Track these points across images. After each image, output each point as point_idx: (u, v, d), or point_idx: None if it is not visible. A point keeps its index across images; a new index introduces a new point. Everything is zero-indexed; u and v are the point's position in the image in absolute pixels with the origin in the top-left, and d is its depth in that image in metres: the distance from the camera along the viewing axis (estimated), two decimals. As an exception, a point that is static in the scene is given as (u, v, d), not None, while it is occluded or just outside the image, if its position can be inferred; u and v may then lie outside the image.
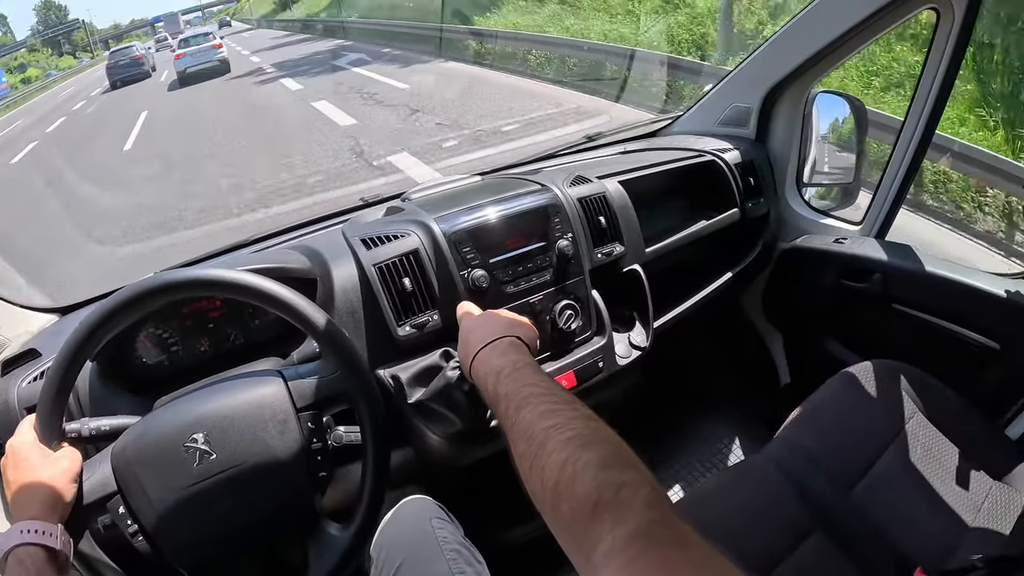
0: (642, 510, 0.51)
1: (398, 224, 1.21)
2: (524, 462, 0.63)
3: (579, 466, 0.56)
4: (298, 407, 0.90)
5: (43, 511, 0.78)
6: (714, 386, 2.01)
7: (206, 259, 1.38)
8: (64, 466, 0.83)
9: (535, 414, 0.66)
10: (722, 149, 1.62)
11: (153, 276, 0.89)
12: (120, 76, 16.55)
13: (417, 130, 6.28)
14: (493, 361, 0.81)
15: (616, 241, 1.33)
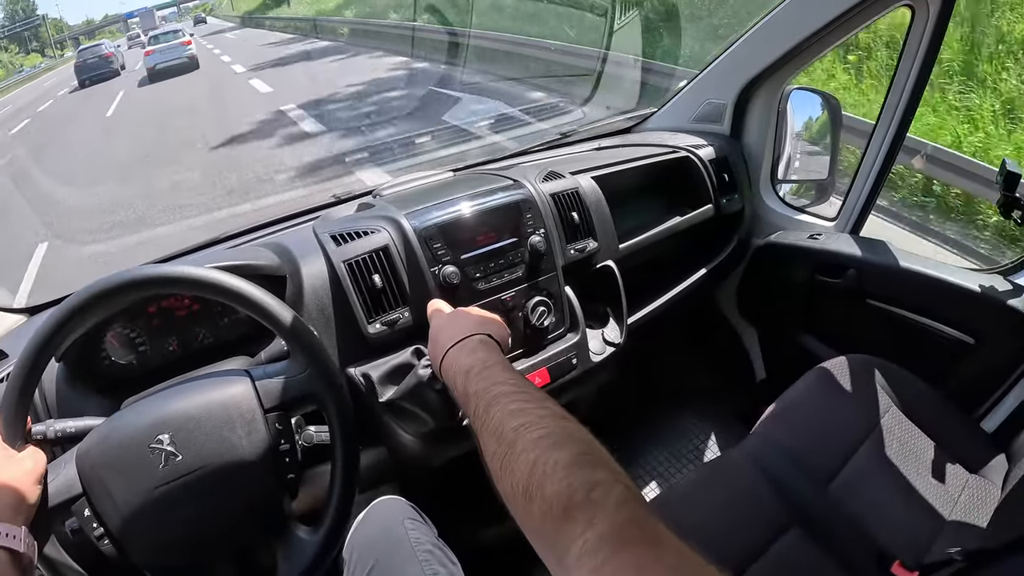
0: (615, 510, 0.50)
1: (368, 220, 1.20)
2: (495, 462, 0.62)
3: (549, 466, 0.55)
4: (265, 407, 0.88)
5: (6, 513, 0.75)
6: (689, 382, 2.02)
7: (178, 256, 1.35)
8: (28, 467, 0.81)
9: (505, 413, 0.65)
10: (696, 145, 1.63)
11: (118, 273, 0.86)
12: (88, 75, 16.12)
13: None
14: (462, 360, 0.80)
15: (589, 237, 1.33)
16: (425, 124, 6.01)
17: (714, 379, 1.97)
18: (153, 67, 14.54)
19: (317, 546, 0.89)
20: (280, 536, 0.91)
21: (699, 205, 1.59)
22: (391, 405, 1.07)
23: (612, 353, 1.32)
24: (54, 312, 0.83)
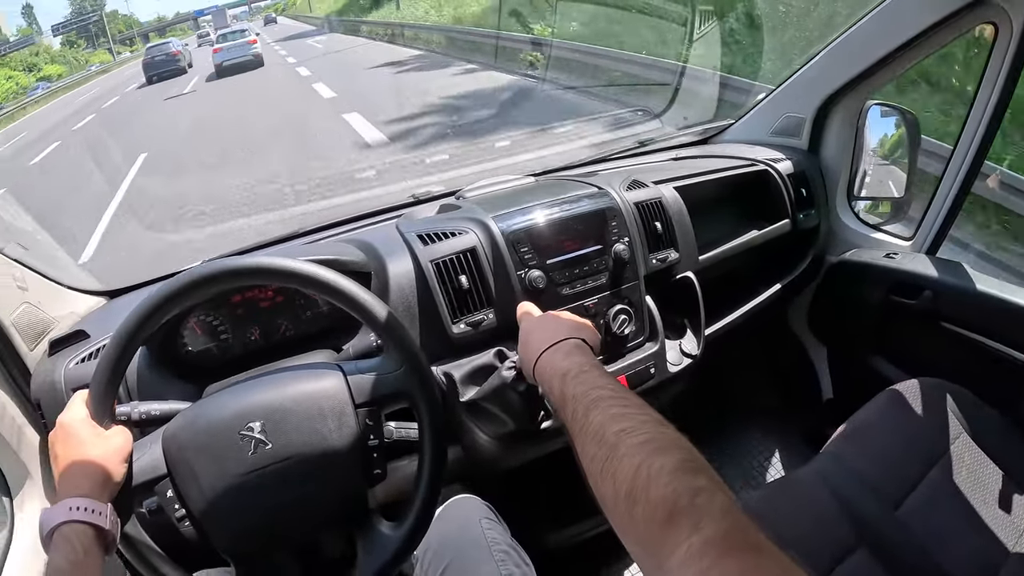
0: (720, 516, 0.51)
1: (455, 221, 1.24)
2: (595, 464, 0.63)
3: (654, 470, 0.56)
4: (356, 402, 0.90)
5: (93, 489, 0.78)
6: (755, 398, 2.04)
7: (256, 249, 1.41)
8: (116, 444, 0.83)
9: (605, 416, 0.67)
10: (775, 159, 1.65)
11: (217, 261, 0.90)
12: (156, 72, 17.00)
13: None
14: (558, 362, 0.82)
15: (671, 247, 1.36)
16: (505, 129, 6.09)
17: (780, 397, 1.97)
18: (220, 63, 15.93)
19: (400, 541, 0.90)
20: (362, 529, 0.93)
21: (776, 219, 1.61)
22: (471, 405, 1.10)
23: (689, 364, 1.35)
24: (154, 294, 0.86)
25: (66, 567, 0.70)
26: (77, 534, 0.73)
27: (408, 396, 0.92)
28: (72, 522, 0.74)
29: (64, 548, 0.71)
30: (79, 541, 0.73)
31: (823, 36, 1.66)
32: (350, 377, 0.91)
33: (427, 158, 4.95)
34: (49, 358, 1.18)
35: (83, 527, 0.74)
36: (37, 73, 24.05)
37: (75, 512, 0.74)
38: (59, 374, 1.13)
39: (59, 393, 1.13)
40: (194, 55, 19.53)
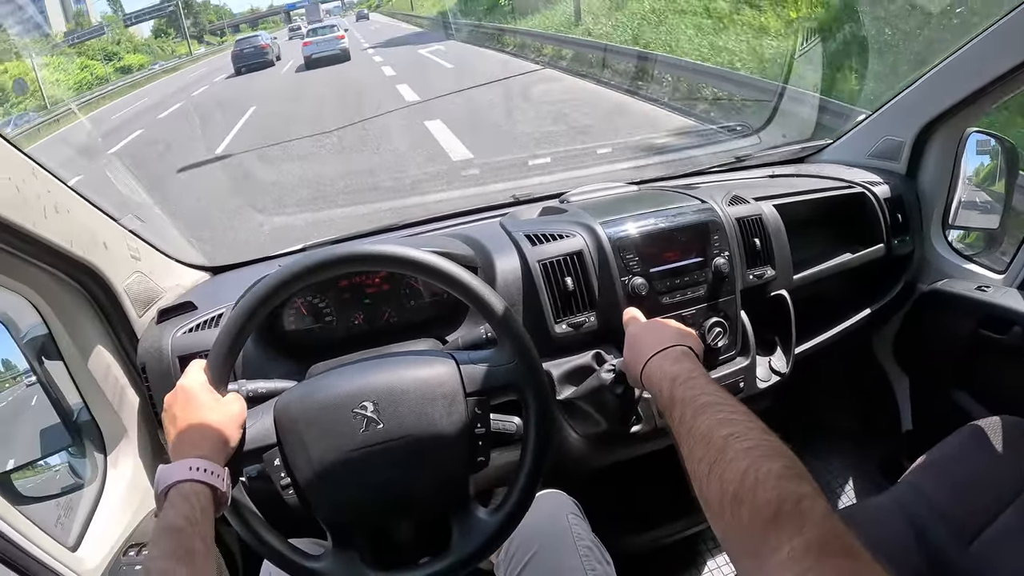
0: (821, 521, 0.55)
1: (562, 224, 1.29)
2: (702, 466, 0.67)
3: (761, 474, 0.60)
4: (467, 391, 0.92)
5: (211, 452, 0.81)
6: (834, 422, 2.02)
7: (356, 238, 1.47)
8: (234, 411, 0.88)
9: (713, 421, 0.71)
10: (872, 182, 1.65)
11: (344, 245, 0.94)
12: (244, 63, 17.82)
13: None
14: (668, 367, 0.86)
15: (768, 264, 1.38)
16: (605, 136, 6.11)
17: (859, 423, 1.96)
18: (310, 56, 17.02)
19: (496, 526, 0.93)
20: (459, 513, 0.96)
21: (870, 244, 1.61)
22: (566, 404, 1.15)
23: (776, 382, 1.37)
24: (283, 270, 0.91)
25: (182, 524, 0.72)
26: (195, 493, 0.76)
27: (518, 389, 0.94)
28: (191, 481, 0.77)
29: (181, 506, 0.74)
30: (196, 500, 0.76)
31: (927, 60, 1.65)
32: (462, 366, 0.94)
33: (529, 160, 5.00)
34: (157, 325, 1.25)
35: (201, 487, 0.78)
36: (117, 62, 23.84)
37: (194, 472, 0.78)
38: (166, 341, 1.20)
39: (165, 359, 1.19)
40: (284, 48, 20.55)
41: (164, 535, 0.71)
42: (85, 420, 1.22)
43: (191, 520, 0.73)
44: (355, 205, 5.28)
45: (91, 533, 1.13)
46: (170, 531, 0.71)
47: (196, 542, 0.72)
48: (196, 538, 0.72)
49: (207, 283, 1.47)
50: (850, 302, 1.64)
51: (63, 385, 1.21)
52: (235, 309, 0.91)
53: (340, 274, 1.08)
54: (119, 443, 1.23)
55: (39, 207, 1.01)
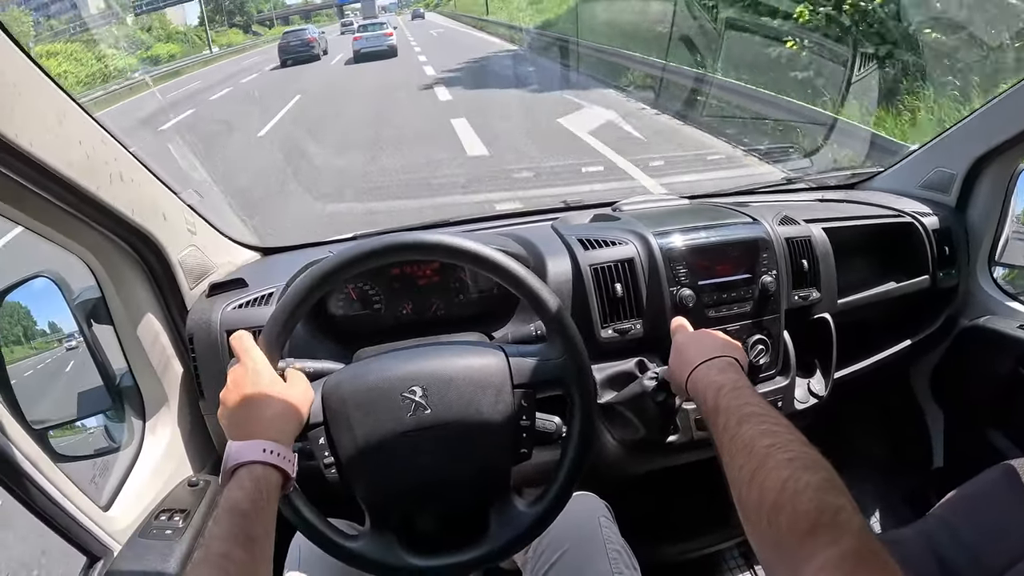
0: (858, 534, 0.57)
1: (615, 231, 1.30)
2: (743, 473, 0.68)
3: (801, 485, 0.61)
4: (515, 383, 0.92)
5: (282, 434, 0.81)
6: (864, 451, 1.99)
7: (408, 231, 1.48)
8: (303, 390, 0.88)
9: (756, 431, 0.72)
10: (921, 212, 1.63)
11: (407, 233, 0.95)
12: (290, 56, 17.96)
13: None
14: (713, 376, 0.87)
15: (814, 287, 1.37)
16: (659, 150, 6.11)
17: (889, 455, 1.94)
18: (359, 50, 17.62)
19: (533, 518, 0.94)
20: (498, 503, 0.96)
21: (916, 275, 1.59)
22: (606, 408, 1.16)
23: (814, 404, 1.37)
24: (342, 253, 0.91)
25: (247, 508, 0.71)
26: (266, 476, 0.76)
27: (565, 385, 0.95)
28: (262, 463, 0.76)
29: (250, 488, 0.73)
30: (265, 484, 0.75)
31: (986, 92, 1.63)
32: (512, 358, 0.94)
33: (583, 167, 5.04)
34: (207, 299, 1.27)
35: (271, 470, 0.77)
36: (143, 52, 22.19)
37: (267, 455, 0.77)
38: (216, 315, 1.22)
39: (213, 332, 1.22)
40: (333, 43, 20.77)
41: (228, 517, 0.70)
42: (127, 385, 1.24)
43: (257, 505, 0.73)
44: (405, 199, 5.32)
45: (123, 495, 1.15)
46: (234, 512, 0.71)
47: (259, 528, 0.71)
48: (259, 524, 0.72)
49: (258, 263, 1.50)
50: (891, 331, 1.62)
51: (108, 349, 1.23)
52: (292, 289, 0.92)
53: (397, 261, 1.09)
54: (159, 410, 1.25)
55: (106, 173, 1.03)
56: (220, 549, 0.66)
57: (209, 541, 0.67)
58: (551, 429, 1.00)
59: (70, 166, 0.94)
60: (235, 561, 0.66)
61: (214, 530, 0.69)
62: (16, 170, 0.87)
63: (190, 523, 1.08)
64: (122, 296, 1.17)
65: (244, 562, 0.66)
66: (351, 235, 1.56)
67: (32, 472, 0.91)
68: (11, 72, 0.83)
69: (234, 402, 0.83)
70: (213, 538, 0.68)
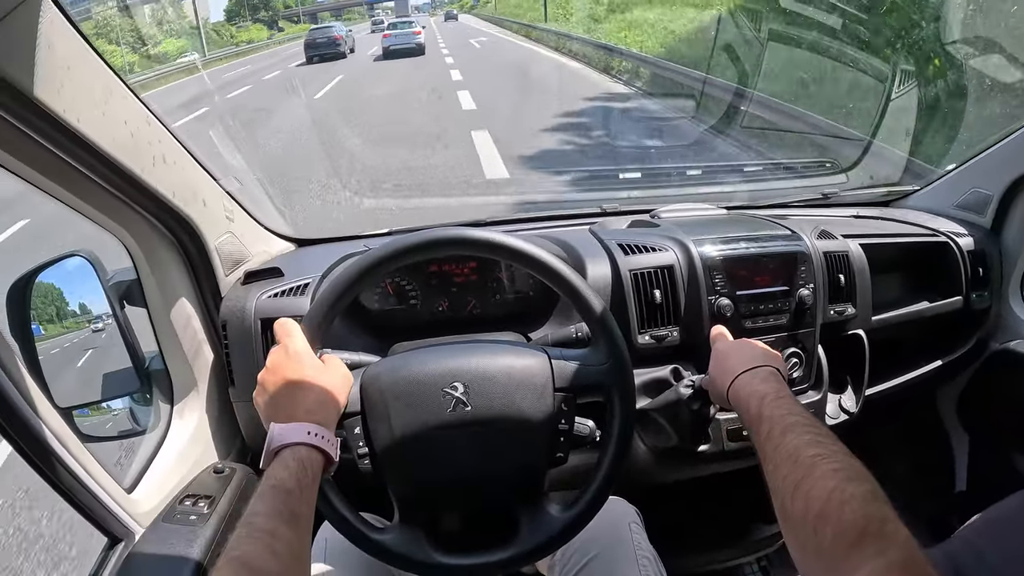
0: (902, 545, 0.57)
1: (655, 238, 1.29)
2: (787, 483, 0.68)
3: (847, 495, 0.62)
4: (556, 386, 0.92)
5: (326, 418, 0.81)
6: (886, 471, 1.96)
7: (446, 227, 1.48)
8: (343, 378, 0.88)
9: (801, 441, 0.72)
10: (956, 233, 1.61)
11: (454, 228, 0.94)
12: (316, 52, 18.08)
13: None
14: (756, 385, 0.87)
15: (850, 302, 1.36)
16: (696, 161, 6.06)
17: (912, 476, 1.92)
18: (388, 47, 18.37)
19: (565, 522, 0.93)
20: (529, 505, 0.95)
21: (949, 295, 1.57)
22: (641, 414, 1.13)
23: (844, 420, 1.35)
24: (388, 245, 0.91)
25: (292, 487, 0.72)
26: (311, 458, 0.76)
27: (606, 391, 0.94)
28: (307, 445, 0.77)
29: (295, 468, 0.74)
30: (309, 465, 0.75)
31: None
32: (554, 361, 0.93)
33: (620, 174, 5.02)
34: (242, 286, 1.27)
35: (316, 453, 0.77)
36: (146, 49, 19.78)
37: (312, 437, 0.77)
38: (251, 303, 1.22)
39: (247, 319, 1.21)
40: (360, 41, 21.40)
41: (272, 493, 0.70)
42: (157, 368, 1.24)
43: (302, 484, 0.73)
44: (441, 197, 5.31)
45: (148, 478, 1.14)
46: (279, 491, 0.71)
47: (303, 507, 0.71)
48: (303, 503, 0.72)
49: (293, 253, 1.50)
50: (921, 351, 1.60)
51: (139, 332, 1.23)
52: (342, 272, 0.91)
53: (438, 257, 1.08)
54: (187, 395, 1.25)
55: (149, 155, 1.03)
56: (266, 525, 0.66)
57: (253, 518, 0.67)
58: (585, 433, 1.00)
59: (114, 145, 0.93)
60: (281, 538, 0.66)
61: (259, 507, 0.68)
62: (61, 146, 0.87)
63: (215, 510, 1.08)
64: (157, 279, 1.17)
65: (289, 539, 0.66)
66: (386, 231, 1.56)
67: (59, 451, 0.91)
68: (63, 48, 0.83)
69: (275, 385, 0.83)
70: (258, 514, 0.67)
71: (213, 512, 1.07)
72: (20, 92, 0.76)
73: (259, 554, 0.63)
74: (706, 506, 1.66)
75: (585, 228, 1.42)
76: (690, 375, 1.13)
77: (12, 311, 1.09)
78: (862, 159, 2.24)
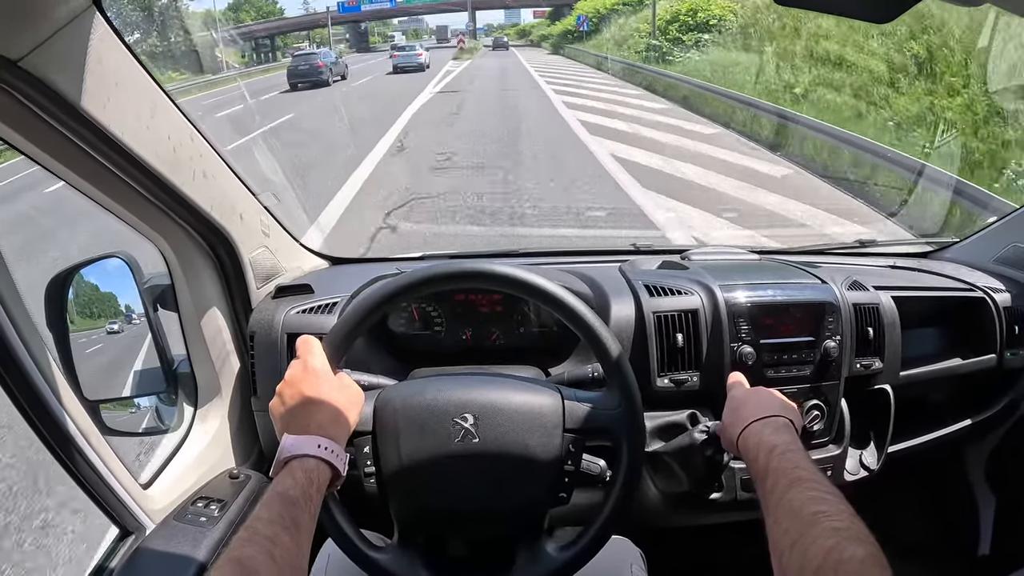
0: None
1: (682, 280, 1.27)
2: (786, 537, 0.67)
3: (845, 556, 0.60)
4: (566, 427, 0.92)
5: (337, 433, 0.82)
6: (908, 530, 1.89)
7: (472, 257, 1.49)
8: (356, 396, 0.89)
9: (805, 497, 0.70)
10: (994, 288, 1.54)
11: (482, 262, 0.95)
12: (298, 79, 18.23)
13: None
14: (767, 436, 0.85)
15: (878, 356, 1.31)
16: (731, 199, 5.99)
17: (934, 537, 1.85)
18: (396, 65, 22.20)
19: (562, 562, 0.92)
20: (527, 542, 0.95)
21: (982, 352, 1.51)
22: (654, 457, 1.12)
23: (863, 477, 1.31)
24: (411, 274, 0.91)
25: (296, 496, 0.72)
26: (319, 470, 0.77)
27: (615, 437, 0.93)
28: (316, 458, 0.78)
29: (302, 479, 0.75)
30: (316, 477, 0.76)
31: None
32: (567, 401, 0.93)
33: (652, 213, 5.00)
34: (273, 300, 1.29)
35: (324, 466, 0.78)
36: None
37: (322, 450, 0.78)
38: (279, 317, 1.23)
39: (275, 333, 1.22)
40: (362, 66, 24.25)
41: (277, 501, 0.71)
42: (183, 372, 1.26)
43: (307, 495, 0.74)
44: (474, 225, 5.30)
45: (164, 476, 1.16)
46: (283, 499, 0.72)
47: (305, 517, 0.72)
48: (306, 513, 0.72)
49: (325, 271, 1.52)
50: (950, 409, 1.54)
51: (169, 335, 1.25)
52: (366, 296, 0.92)
53: (466, 288, 1.10)
54: (211, 400, 1.26)
55: (190, 169, 1.05)
56: (267, 531, 0.67)
57: (256, 522, 0.68)
58: (595, 472, 0.98)
59: (158, 158, 0.95)
60: (281, 544, 0.66)
61: (262, 513, 0.69)
62: (107, 157, 0.89)
63: (225, 514, 1.08)
64: (191, 287, 1.19)
65: (288, 547, 0.67)
66: (419, 254, 1.58)
67: (80, 441, 0.93)
68: (112, 63, 0.85)
69: (291, 398, 0.84)
70: (261, 520, 0.68)
71: (223, 516, 1.08)
72: (69, 105, 0.79)
73: (258, 558, 0.64)
74: (713, 554, 1.63)
75: (615, 266, 1.41)
76: (706, 421, 1.10)
77: (50, 305, 1.12)
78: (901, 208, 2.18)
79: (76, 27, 0.77)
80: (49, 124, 0.79)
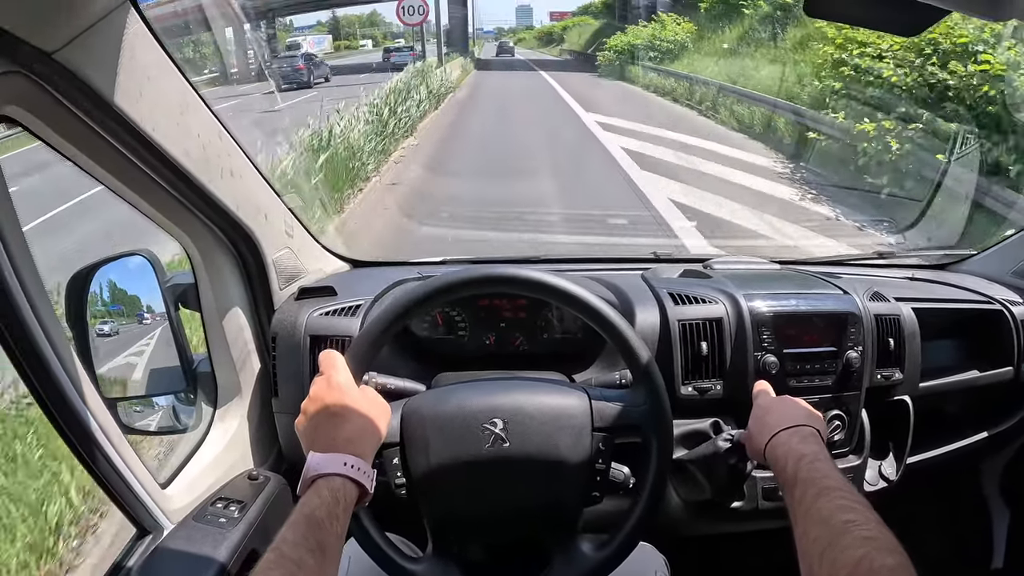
0: None
1: (706, 289, 1.25)
2: (816, 546, 0.66)
3: (875, 566, 0.60)
4: (595, 426, 0.91)
5: (364, 449, 0.81)
6: (920, 542, 1.87)
7: (494, 263, 1.46)
8: (383, 410, 0.87)
9: (835, 506, 0.70)
10: (1012, 301, 1.52)
11: (508, 266, 0.94)
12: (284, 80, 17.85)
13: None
14: (795, 445, 0.84)
15: (898, 367, 1.30)
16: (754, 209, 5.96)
17: (946, 549, 1.82)
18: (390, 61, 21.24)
19: (597, 562, 0.92)
20: (562, 543, 0.94)
21: (1000, 364, 1.48)
22: (677, 465, 1.10)
23: (882, 488, 1.29)
24: (436, 280, 0.91)
25: (322, 517, 0.71)
26: (345, 489, 0.75)
27: (644, 432, 0.92)
28: (343, 476, 0.76)
29: (328, 498, 0.73)
30: (342, 496, 0.74)
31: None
32: (594, 401, 0.92)
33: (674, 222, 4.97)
34: (296, 301, 1.27)
35: (351, 484, 0.76)
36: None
37: (348, 468, 0.76)
38: (302, 318, 1.21)
39: (297, 335, 1.21)
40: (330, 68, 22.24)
41: (303, 523, 0.70)
42: (204, 372, 1.24)
43: (333, 516, 0.72)
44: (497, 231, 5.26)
45: (183, 476, 1.14)
46: (310, 521, 0.70)
47: (331, 538, 0.71)
48: (332, 535, 0.71)
49: (348, 273, 1.50)
50: (967, 421, 1.52)
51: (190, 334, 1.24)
52: (390, 304, 0.91)
53: (493, 293, 1.10)
54: (231, 401, 1.24)
55: (217, 167, 1.03)
56: (293, 555, 0.66)
57: (282, 544, 0.67)
58: (619, 479, 0.97)
59: (186, 156, 0.94)
60: (305, 567, 0.66)
61: (288, 535, 0.68)
62: (136, 153, 0.88)
63: (245, 515, 1.06)
64: (214, 286, 1.17)
65: (313, 569, 0.66)
66: (440, 259, 1.56)
67: (101, 439, 0.91)
68: (144, 59, 0.84)
69: (316, 414, 0.82)
70: (286, 542, 0.67)
71: (243, 517, 1.05)
72: (102, 99, 0.78)
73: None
74: (735, 563, 1.60)
75: (637, 274, 1.40)
76: (729, 429, 1.09)
77: (70, 301, 1.10)
78: (921, 219, 2.16)
79: (111, 22, 0.76)
80: (79, 118, 0.78)
